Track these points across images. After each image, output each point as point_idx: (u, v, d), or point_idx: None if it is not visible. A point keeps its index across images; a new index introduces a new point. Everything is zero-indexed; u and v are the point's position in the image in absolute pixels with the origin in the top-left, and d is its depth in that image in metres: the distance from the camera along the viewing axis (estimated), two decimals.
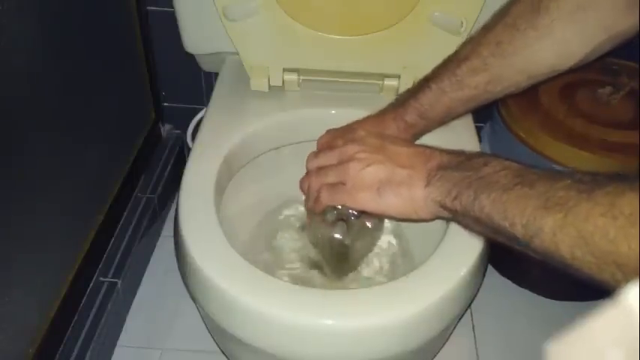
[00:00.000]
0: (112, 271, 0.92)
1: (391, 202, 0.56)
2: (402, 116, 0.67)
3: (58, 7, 0.75)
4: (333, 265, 0.75)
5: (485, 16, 0.66)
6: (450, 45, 0.68)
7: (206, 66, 0.97)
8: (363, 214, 0.65)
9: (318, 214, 0.66)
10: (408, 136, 0.68)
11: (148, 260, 1.07)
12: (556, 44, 0.59)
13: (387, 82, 0.84)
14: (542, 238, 0.43)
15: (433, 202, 0.53)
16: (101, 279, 0.90)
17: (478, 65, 0.63)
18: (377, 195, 0.56)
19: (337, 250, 0.70)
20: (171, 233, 0.71)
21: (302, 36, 0.82)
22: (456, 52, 0.65)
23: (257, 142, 0.80)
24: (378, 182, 0.56)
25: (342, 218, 0.67)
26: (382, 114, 0.69)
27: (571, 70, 0.63)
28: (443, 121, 0.69)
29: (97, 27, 0.86)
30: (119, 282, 0.91)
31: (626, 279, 0.38)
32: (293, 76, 0.84)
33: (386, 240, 0.84)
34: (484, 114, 0.98)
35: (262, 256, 0.82)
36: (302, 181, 0.65)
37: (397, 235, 0.85)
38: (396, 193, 0.55)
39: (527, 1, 0.60)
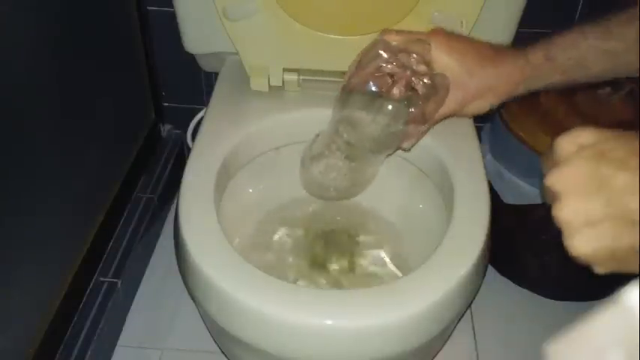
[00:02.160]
0: (112, 271, 0.92)
1: None
2: (525, 52, 0.56)
3: (58, 7, 0.75)
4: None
5: (486, 16, 0.65)
6: None
7: (206, 66, 0.97)
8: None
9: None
10: (520, 80, 0.57)
11: (148, 260, 1.07)
12: None
13: None
14: None
15: None
16: (101, 279, 0.90)
17: (636, 14, 0.51)
18: None
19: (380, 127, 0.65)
20: (171, 233, 0.71)
21: (302, 36, 0.82)
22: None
23: (257, 142, 0.80)
24: None
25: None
26: (499, 46, 0.59)
27: None
28: (569, 74, 0.56)
29: (96, 27, 0.86)
30: (119, 282, 0.91)
31: None
32: (293, 76, 0.84)
33: (386, 240, 0.84)
34: (484, 114, 0.98)
35: (263, 255, 0.82)
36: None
37: (397, 235, 0.85)
38: None
39: None
